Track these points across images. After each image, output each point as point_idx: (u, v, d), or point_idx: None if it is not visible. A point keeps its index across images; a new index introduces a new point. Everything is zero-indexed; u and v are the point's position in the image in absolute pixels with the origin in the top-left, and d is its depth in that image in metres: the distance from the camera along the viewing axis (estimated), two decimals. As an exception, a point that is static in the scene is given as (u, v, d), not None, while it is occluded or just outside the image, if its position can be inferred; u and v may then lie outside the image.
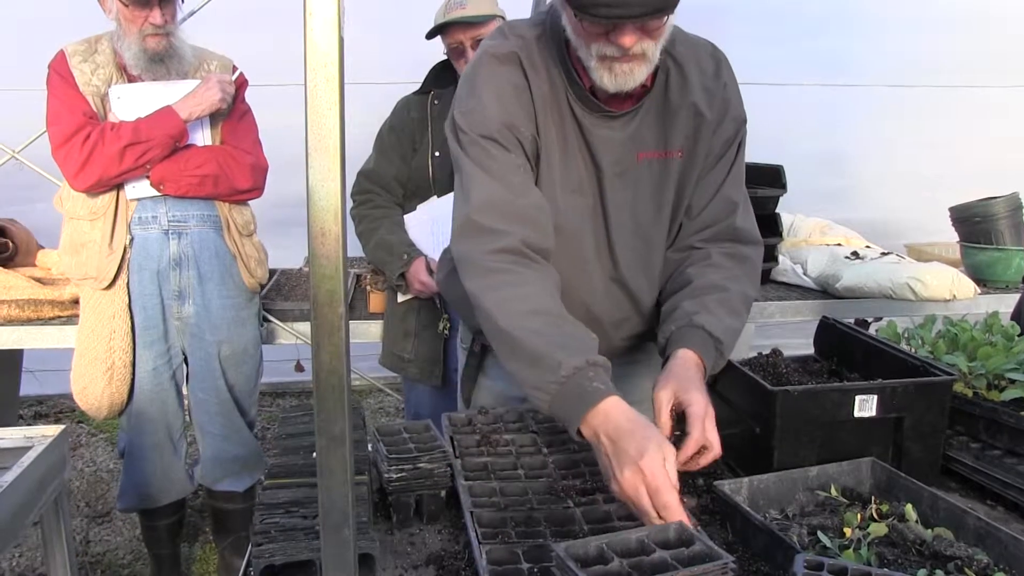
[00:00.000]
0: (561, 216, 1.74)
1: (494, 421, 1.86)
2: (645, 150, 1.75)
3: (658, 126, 1.74)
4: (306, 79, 0.90)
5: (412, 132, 2.83)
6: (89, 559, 3.51)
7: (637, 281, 1.85)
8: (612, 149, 1.73)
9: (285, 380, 5.14)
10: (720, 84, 1.76)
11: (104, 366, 2.77)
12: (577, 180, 1.75)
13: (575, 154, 1.73)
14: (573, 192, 1.75)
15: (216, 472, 3.01)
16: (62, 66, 2.68)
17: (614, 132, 1.72)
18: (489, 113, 1.65)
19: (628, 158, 1.74)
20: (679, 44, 1.73)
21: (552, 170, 1.73)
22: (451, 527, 1.58)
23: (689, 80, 1.73)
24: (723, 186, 1.79)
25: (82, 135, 2.61)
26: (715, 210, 1.79)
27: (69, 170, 2.63)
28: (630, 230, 1.80)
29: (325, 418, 0.99)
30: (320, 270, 0.94)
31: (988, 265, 3.74)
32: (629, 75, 1.58)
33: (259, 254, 3.01)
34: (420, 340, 2.89)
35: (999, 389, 1.80)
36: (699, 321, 1.63)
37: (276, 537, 1.35)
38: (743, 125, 1.80)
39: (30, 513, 1.84)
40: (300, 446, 1.69)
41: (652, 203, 1.79)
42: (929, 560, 1.34)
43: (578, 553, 1.11)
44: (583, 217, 1.78)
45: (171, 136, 2.67)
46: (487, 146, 1.64)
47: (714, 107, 1.75)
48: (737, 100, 1.80)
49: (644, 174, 1.77)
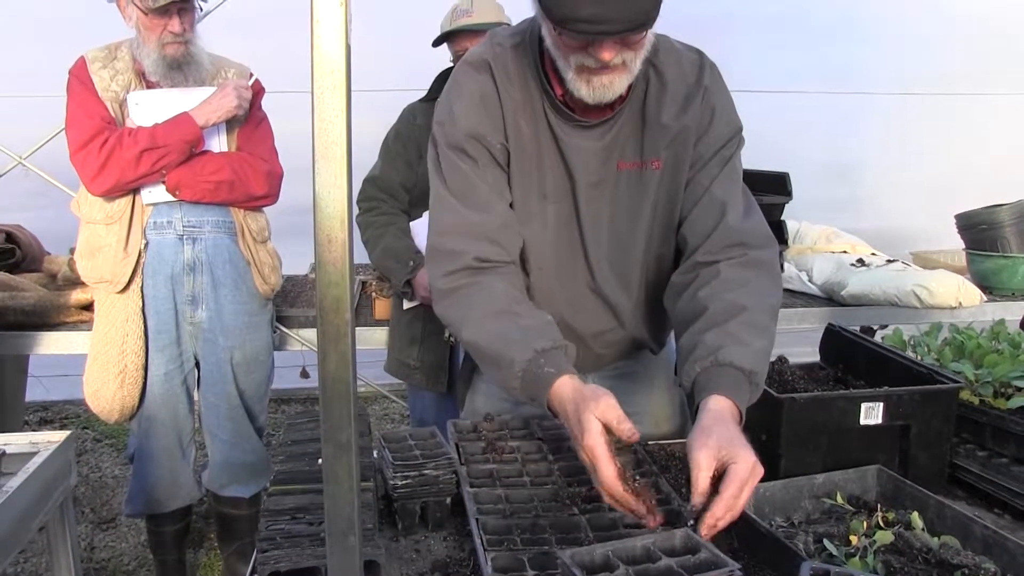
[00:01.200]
0: (536, 223, 1.75)
1: (500, 428, 1.86)
2: (624, 160, 1.72)
3: (636, 136, 1.71)
4: (313, 86, 0.90)
5: (418, 139, 2.84)
6: (94, 565, 3.52)
7: (615, 292, 1.82)
8: (587, 159, 1.70)
9: (291, 387, 5.14)
10: (700, 91, 1.70)
11: (116, 369, 2.79)
12: (552, 188, 1.73)
13: (549, 162, 1.72)
14: (547, 200, 1.74)
15: (224, 478, 3.01)
16: (82, 71, 2.71)
17: (589, 142, 1.69)
18: (458, 124, 1.67)
19: (605, 168, 1.72)
20: (662, 53, 1.69)
21: (526, 177, 1.72)
22: (456, 534, 1.58)
23: (668, 89, 1.69)
24: (711, 187, 1.71)
25: (100, 140, 2.63)
26: (705, 212, 1.71)
27: (86, 174, 2.66)
28: (606, 240, 1.78)
29: (331, 425, 0.99)
30: (326, 277, 0.94)
31: (994, 272, 3.73)
32: (608, 87, 1.56)
33: (273, 260, 3.02)
34: (426, 347, 2.89)
35: (1006, 397, 1.79)
36: (725, 357, 1.47)
37: (282, 544, 1.35)
38: (737, 132, 1.74)
39: (35, 519, 1.84)
40: (306, 452, 1.69)
41: (629, 214, 1.76)
42: (935, 568, 1.33)
43: (584, 560, 1.11)
44: (558, 225, 1.76)
45: (187, 142, 2.69)
46: (454, 158, 1.68)
47: (695, 116, 1.70)
48: (725, 106, 1.73)
49: (622, 184, 1.74)
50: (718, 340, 1.51)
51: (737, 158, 1.75)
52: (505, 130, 1.68)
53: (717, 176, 1.71)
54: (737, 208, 1.70)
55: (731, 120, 1.74)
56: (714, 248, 1.68)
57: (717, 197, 1.70)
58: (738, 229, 1.67)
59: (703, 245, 1.69)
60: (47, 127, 3.71)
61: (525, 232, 1.74)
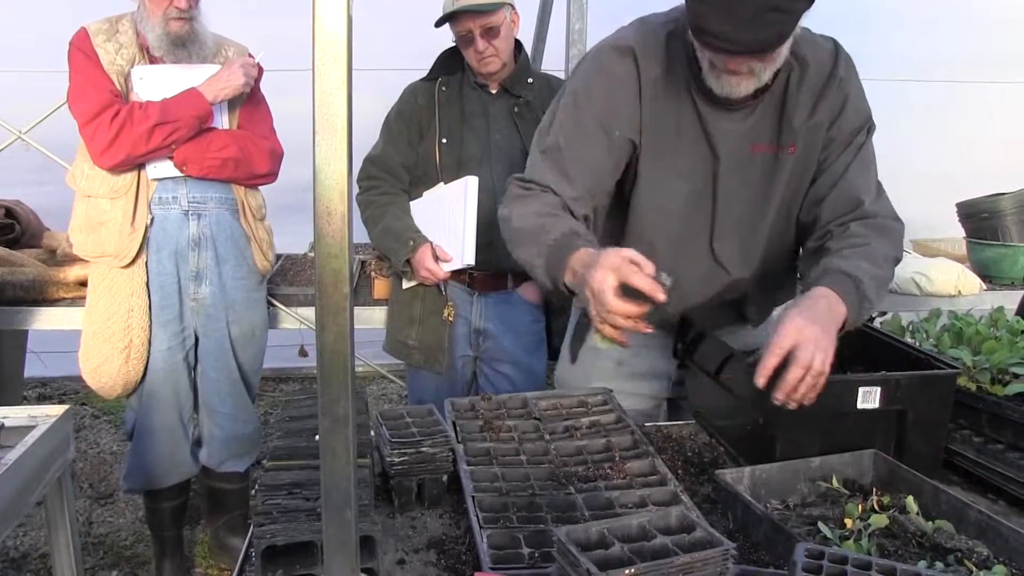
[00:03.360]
0: (665, 199, 1.88)
1: (497, 407, 1.87)
2: (760, 143, 1.82)
3: (775, 121, 1.81)
4: (314, 58, 0.89)
5: (419, 118, 2.83)
6: (92, 540, 3.53)
7: (738, 268, 1.94)
8: (730, 140, 1.81)
9: (288, 366, 5.16)
10: (835, 81, 1.80)
11: (122, 344, 2.79)
12: (689, 167, 1.84)
13: (690, 142, 1.82)
14: (681, 177, 1.85)
15: (223, 453, 3.02)
16: (85, 44, 2.68)
17: (734, 124, 1.80)
18: (594, 104, 1.81)
19: (743, 150, 1.83)
20: (804, 44, 1.78)
21: (660, 157, 1.84)
22: (452, 512, 1.58)
23: (807, 79, 1.79)
24: (847, 173, 1.81)
25: (111, 112, 2.61)
26: (841, 195, 1.81)
27: (96, 147, 2.64)
28: (735, 219, 1.89)
29: (329, 399, 0.99)
30: (326, 249, 0.93)
31: (994, 261, 3.72)
32: (735, 87, 1.68)
33: (269, 237, 3.07)
34: (424, 327, 2.89)
35: (1003, 384, 1.79)
36: (836, 265, 1.65)
37: (278, 518, 1.35)
38: (867, 119, 1.84)
39: (34, 491, 1.85)
40: (303, 429, 1.69)
41: (761, 194, 1.87)
42: (929, 552, 1.34)
43: (579, 538, 1.11)
44: (689, 202, 1.88)
45: (198, 117, 2.69)
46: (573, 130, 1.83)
47: (830, 103, 1.80)
48: (857, 94, 1.84)
49: (757, 166, 1.85)
50: (833, 261, 1.67)
51: (870, 144, 1.86)
52: (641, 115, 1.80)
53: (852, 162, 1.82)
54: (870, 192, 1.81)
55: (861, 108, 1.85)
56: (846, 220, 1.79)
57: (852, 182, 1.81)
58: (869, 210, 1.78)
59: (837, 219, 1.80)
60: (47, 102, 3.68)
61: (643, 199, 1.88)
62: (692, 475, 1.73)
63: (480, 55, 2.67)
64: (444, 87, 2.81)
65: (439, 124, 2.79)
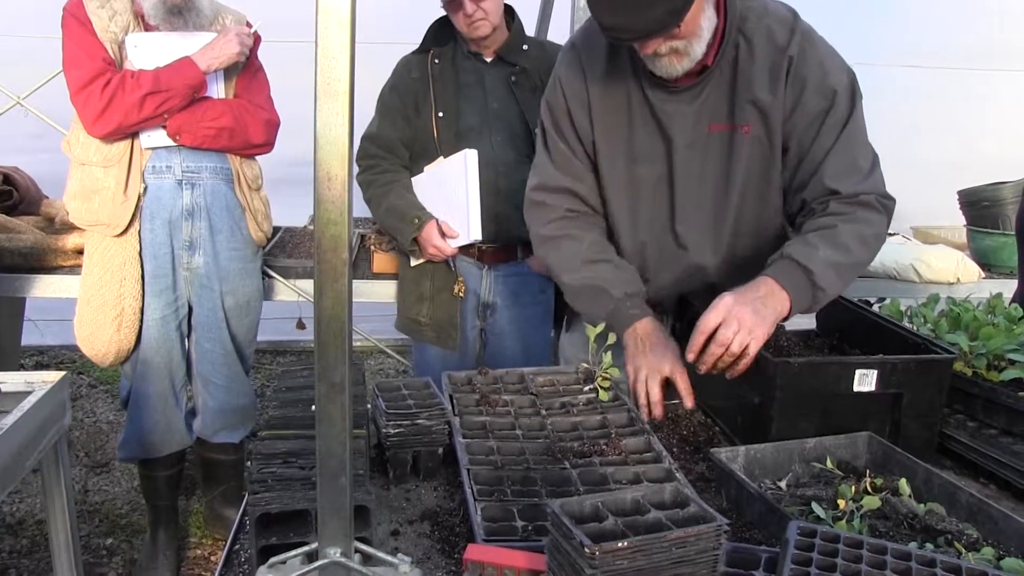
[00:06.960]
0: (625, 186, 1.92)
1: (494, 382, 1.87)
2: (716, 122, 1.83)
3: (727, 100, 1.80)
4: (317, 22, 0.89)
5: (414, 92, 2.78)
6: (87, 508, 3.54)
7: (701, 252, 1.94)
8: (681, 121, 1.82)
9: (286, 339, 5.15)
10: (786, 60, 1.75)
11: (114, 312, 2.78)
12: (643, 150, 1.87)
13: (642, 127, 1.85)
14: (638, 163, 1.89)
15: (217, 423, 3.02)
16: (79, 10, 2.65)
17: (682, 105, 1.81)
18: (559, 102, 1.93)
19: (698, 129, 1.83)
20: (751, 20, 1.77)
21: (612, 142, 1.88)
22: (447, 484, 1.59)
23: (756, 57, 1.76)
24: (825, 161, 1.76)
25: (102, 81, 2.59)
26: (819, 186, 1.77)
27: (88, 116, 2.62)
28: (695, 201, 1.89)
29: (326, 365, 0.99)
30: (325, 215, 0.93)
31: (994, 250, 3.72)
32: (671, 66, 1.71)
33: (265, 208, 3.03)
34: (435, 304, 2.87)
35: (999, 369, 1.79)
36: (788, 252, 1.68)
37: (273, 486, 1.36)
38: (837, 93, 1.76)
39: (30, 457, 1.85)
40: (299, 399, 1.69)
41: (720, 175, 1.86)
42: (920, 534, 1.35)
43: (573, 511, 1.12)
44: (648, 186, 1.90)
45: (191, 86, 2.66)
46: (549, 129, 1.97)
47: (783, 87, 1.76)
48: (818, 74, 1.76)
49: (714, 146, 1.84)
50: (791, 245, 1.71)
51: (854, 122, 1.77)
52: (589, 104, 1.88)
53: (832, 146, 1.76)
54: (857, 172, 1.77)
55: (825, 87, 1.76)
56: (826, 200, 1.78)
57: (832, 166, 1.76)
58: (850, 191, 1.75)
59: (820, 199, 1.79)
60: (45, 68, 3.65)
61: (610, 194, 1.94)
62: (687, 453, 1.74)
63: (469, 18, 2.59)
64: (437, 59, 2.77)
65: (435, 97, 2.75)
